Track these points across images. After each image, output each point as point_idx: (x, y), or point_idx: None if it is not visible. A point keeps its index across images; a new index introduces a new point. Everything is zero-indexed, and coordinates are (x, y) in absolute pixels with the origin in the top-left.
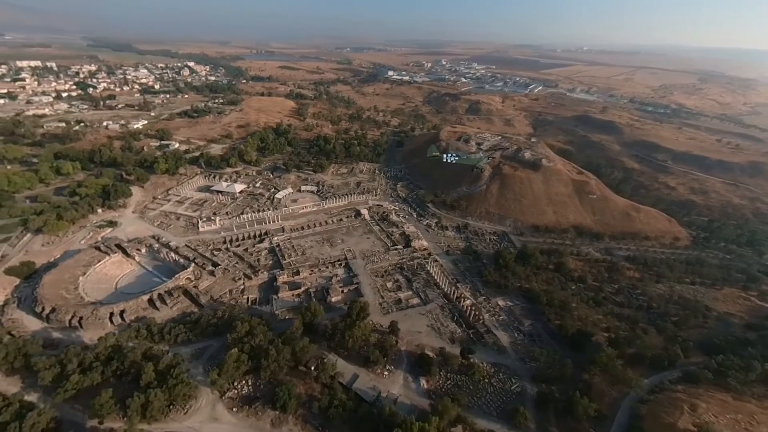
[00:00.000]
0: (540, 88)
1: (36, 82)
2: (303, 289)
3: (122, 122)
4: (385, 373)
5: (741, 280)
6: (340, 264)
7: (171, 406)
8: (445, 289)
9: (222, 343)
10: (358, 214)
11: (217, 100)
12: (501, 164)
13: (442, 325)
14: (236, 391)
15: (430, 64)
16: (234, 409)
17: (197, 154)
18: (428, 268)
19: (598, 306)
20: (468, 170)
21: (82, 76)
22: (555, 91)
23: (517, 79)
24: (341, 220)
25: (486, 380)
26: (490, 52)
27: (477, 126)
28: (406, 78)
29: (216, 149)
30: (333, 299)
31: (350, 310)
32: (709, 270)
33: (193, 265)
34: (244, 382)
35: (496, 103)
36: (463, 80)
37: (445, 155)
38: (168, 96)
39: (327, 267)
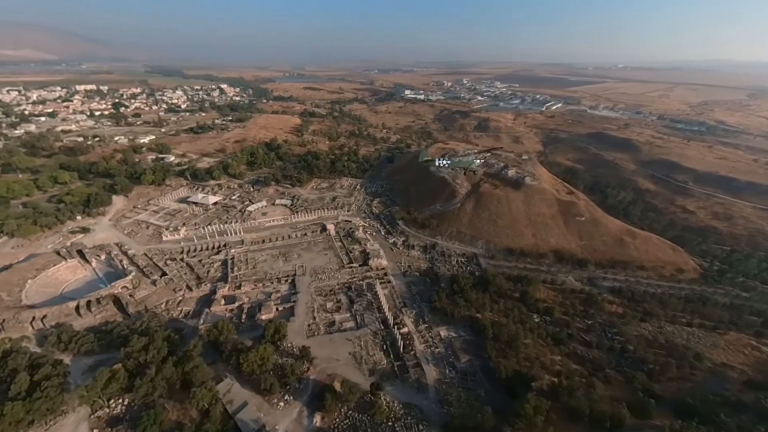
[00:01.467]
0: (559, 105)
1: (81, 103)
2: (237, 304)
3: (131, 137)
4: (281, 404)
5: (754, 325)
6: (287, 280)
7: (33, 422)
8: (386, 314)
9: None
10: (324, 229)
11: (226, 118)
12: (482, 181)
13: (368, 353)
14: (108, 411)
15: (450, 84)
16: (95, 431)
17: (186, 167)
18: (377, 289)
19: (558, 344)
20: (444, 187)
21: (125, 97)
22: (575, 108)
23: (538, 96)
24: (305, 234)
25: (389, 423)
26: (516, 71)
27: (484, 143)
28: (421, 97)
29: (207, 162)
30: (263, 317)
31: (265, 331)
32: (713, 310)
33: (133, 273)
34: (120, 401)
35: (507, 120)
36: (479, 98)
37: (436, 160)
38: (187, 114)
39: (272, 282)
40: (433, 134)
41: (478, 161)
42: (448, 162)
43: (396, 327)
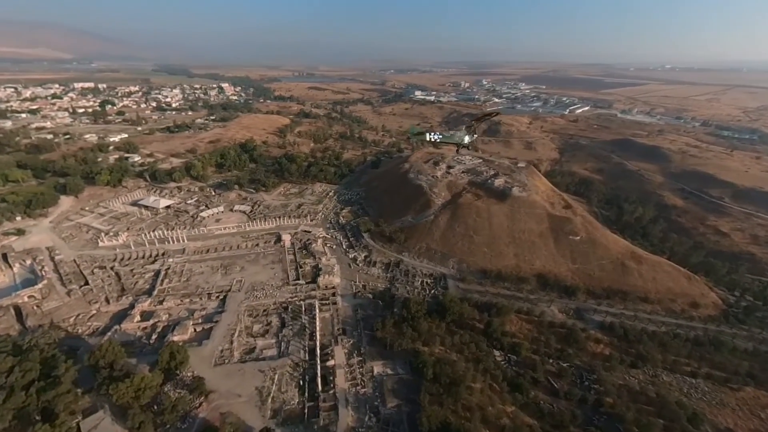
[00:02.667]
0: (586, 108)
1: (70, 100)
2: (152, 322)
3: (102, 135)
4: None
5: None
6: (218, 296)
7: None
8: (318, 342)
9: None
10: (278, 239)
11: (210, 117)
12: (464, 191)
13: (279, 389)
14: None
15: (467, 85)
16: None
17: (147, 167)
18: (316, 311)
19: (516, 391)
20: (418, 196)
21: (119, 95)
22: (604, 112)
23: (564, 99)
24: (257, 245)
25: None
26: (545, 71)
27: (492, 150)
28: (431, 98)
29: (174, 163)
30: (175, 338)
31: (160, 356)
32: (729, 357)
33: (45, 281)
34: None
35: (521, 124)
36: (496, 100)
37: (428, 134)
38: (173, 113)
39: (201, 298)
40: None
41: (472, 137)
42: (440, 137)
43: (322, 358)
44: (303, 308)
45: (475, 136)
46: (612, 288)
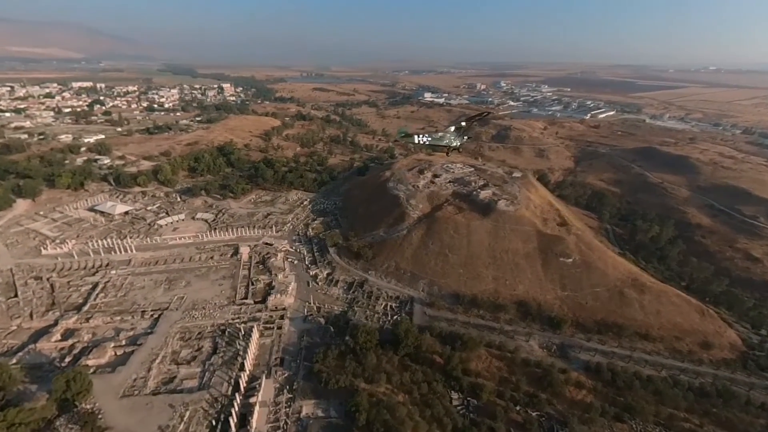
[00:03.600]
0: (611, 113)
1: (61, 99)
2: (71, 341)
3: (77, 136)
4: None
5: None
6: (152, 315)
7: None
8: (246, 373)
9: None
10: (236, 252)
11: (197, 118)
12: (446, 203)
13: (188, 429)
14: None
15: (483, 86)
16: None
17: (110, 171)
18: (254, 336)
19: None
20: (393, 208)
21: (116, 94)
22: (630, 117)
23: (588, 103)
24: (211, 257)
25: None
26: (573, 73)
27: (499, 156)
28: (440, 100)
29: (145, 166)
30: (90, 361)
31: (54, 385)
32: (741, 413)
33: None
34: None
35: (533, 129)
36: (511, 103)
37: (416, 136)
38: (162, 113)
39: (133, 316)
40: None
41: (463, 139)
42: (429, 139)
43: (247, 393)
44: (242, 332)
45: (466, 138)
46: (606, 321)
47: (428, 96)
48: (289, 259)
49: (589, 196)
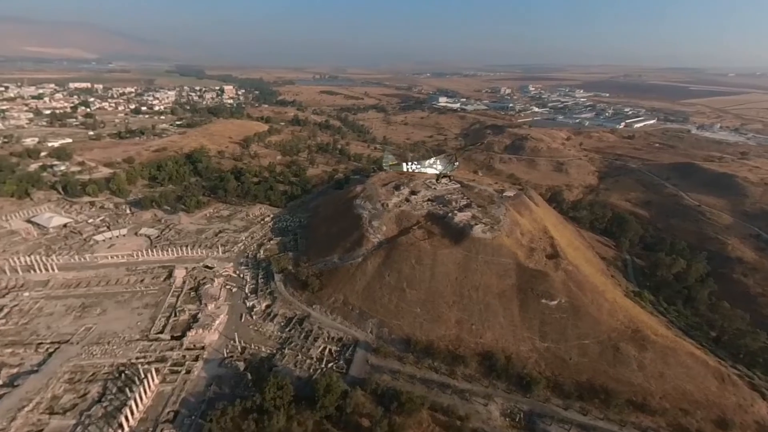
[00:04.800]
0: (651, 121)
1: (48, 100)
2: None
3: (42, 140)
4: None
5: None
6: (48, 349)
7: None
8: (128, 431)
9: None
10: (170, 275)
11: (177, 122)
12: (416, 225)
13: None
14: None
15: (508, 91)
16: None
17: (58, 178)
18: (151, 382)
19: None
20: (352, 230)
21: (111, 96)
22: (673, 127)
23: (626, 110)
24: (141, 281)
25: None
26: (615, 76)
27: (511, 169)
28: (455, 105)
29: (103, 173)
30: None
31: None
32: None
33: None
34: None
35: (554, 139)
36: (535, 109)
37: (405, 165)
38: (146, 117)
39: (25, 349)
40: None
41: (452, 166)
42: (419, 166)
43: None
44: (142, 375)
45: (456, 164)
46: (593, 383)
47: (442, 100)
48: (228, 286)
49: (610, 220)
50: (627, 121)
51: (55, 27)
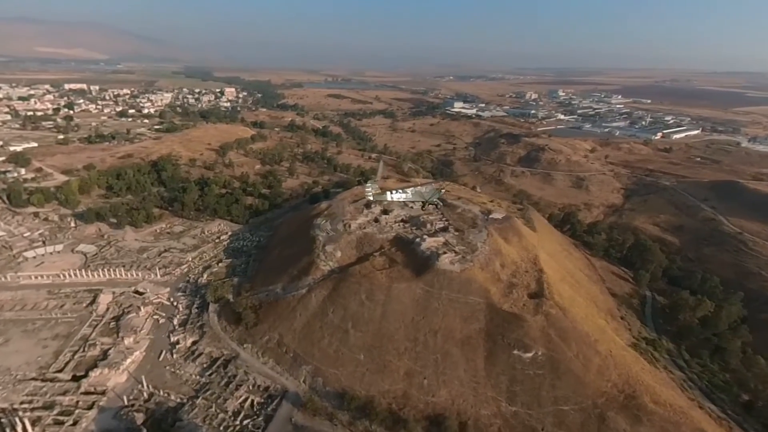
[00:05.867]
0: (694, 132)
1: (34, 102)
2: None
3: (5, 143)
4: None
5: None
6: None
7: None
8: None
9: None
10: (94, 300)
11: (155, 126)
12: (378, 252)
13: None
14: None
15: (535, 95)
16: None
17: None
18: None
19: None
20: (302, 255)
21: (106, 98)
22: (720, 139)
23: (667, 119)
24: (62, 306)
25: None
26: (660, 81)
27: (524, 185)
28: (470, 111)
29: (58, 181)
30: None
31: None
32: None
33: None
34: None
35: (574, 151)
36: (560, 117)
37: (389, 193)
38: (128, 120)
39: None
40: (454, 165)
41: (438, 193)
42: (403, 195)
43: None
44: (18, 424)
45: (443, 191)
46: None
47: (458, 106)
48: (157, 316)
49: (630, 247)
50: (665, 131)
51: (69, 27)
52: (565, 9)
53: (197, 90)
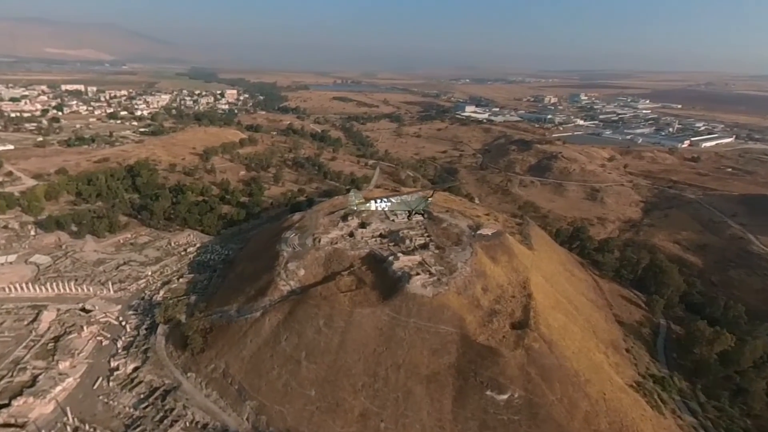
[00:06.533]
0: (726, 140)
1: (24, 103)
2: None
3: None
4: None
5: None
6: None
7: None
8: None
9: None
10: (36, 318)
11: (141, 129)
12: (347, 270)
13: None
14: None
15: (555, 99)
16: None
17: None
18: None
19: None
20: (261, 273)
21: (102, 99)
22: (755, 148)
23: (698, 125)
24: (2, 323)
25: None
26: (695, 84)
27: (533, 196)
28: (481, 116)
29: (26, 186)
30: None
31: None
32: None
33: None
34: None
35: (590, 160)
36: (579, 122)
37: (373, 202)
38: (117, 122)
39: None
40: (458, 174)
41: (425, 203)
42: (388, 204)
43: None
44: None
45: (430, 200)
46: None
47: (469, 110)
48: (101, 337)
49: (645, 267)
50: (693, 138)
51: (79, 28)
52: (597, 9)
53: (197, 92)
